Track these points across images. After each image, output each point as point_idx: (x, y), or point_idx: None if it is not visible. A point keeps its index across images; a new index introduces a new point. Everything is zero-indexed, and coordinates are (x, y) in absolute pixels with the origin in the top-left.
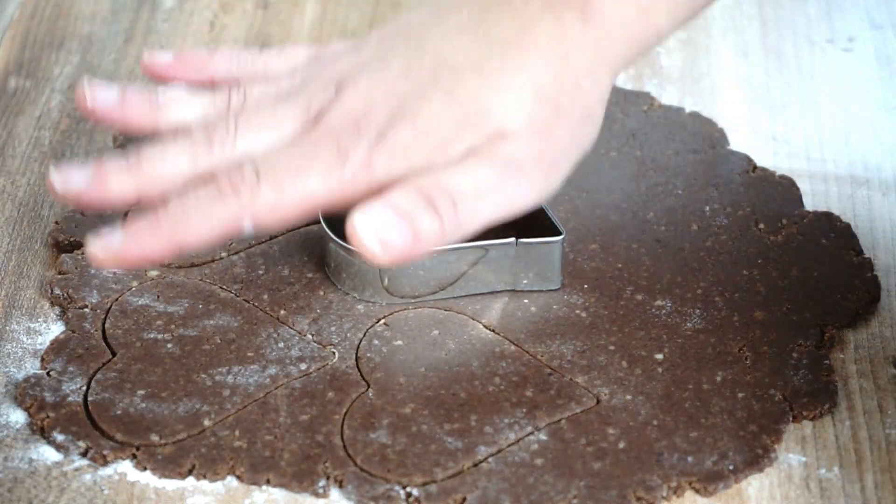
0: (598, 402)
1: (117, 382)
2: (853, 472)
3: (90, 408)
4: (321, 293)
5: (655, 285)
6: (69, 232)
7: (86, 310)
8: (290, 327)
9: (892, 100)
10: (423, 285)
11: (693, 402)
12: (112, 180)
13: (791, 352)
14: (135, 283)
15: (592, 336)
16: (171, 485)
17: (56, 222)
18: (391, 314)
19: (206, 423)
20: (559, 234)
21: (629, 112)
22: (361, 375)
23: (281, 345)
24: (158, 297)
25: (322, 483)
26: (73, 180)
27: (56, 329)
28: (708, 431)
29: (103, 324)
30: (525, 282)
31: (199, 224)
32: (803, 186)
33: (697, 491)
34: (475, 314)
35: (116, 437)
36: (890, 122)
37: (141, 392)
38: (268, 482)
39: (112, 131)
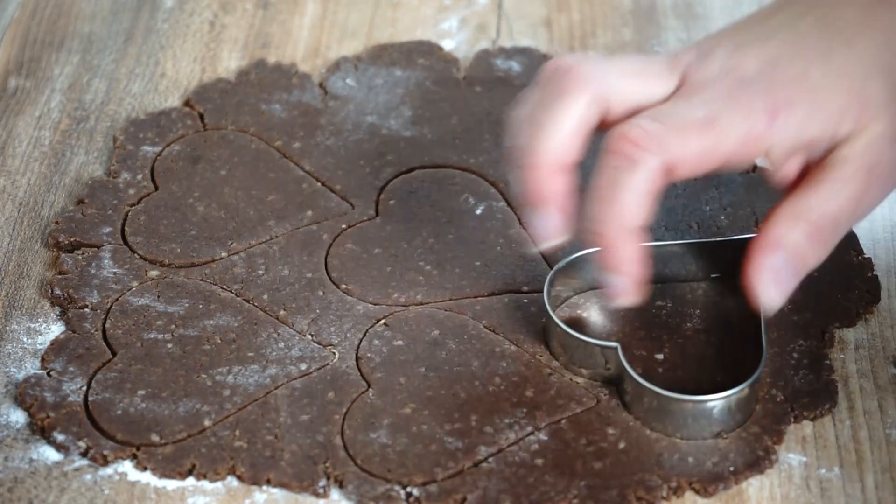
0: (599, 401)
1: (117, 382)
2: (853, 472)
3: (90, 408)
4: (321, 293)
5: (656, 285)
6: (69, 232)
7: (86, 310)
8: (290, 327)
9: None
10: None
11: None
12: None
13: (792, 352)
14: (135, 283)
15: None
16: (171, 485)
17: (56, 222)
18: (391, 314)
19: (207, 423)
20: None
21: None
22: (361, 375)
23: (281, 345)
24: (159, 297)
25: (322, 483)
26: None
27: (56, 329)
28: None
29: (103, 324)
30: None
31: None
32: None
33: (697, 491)
34: (475, 314)
35: (117, 436)
36: None
37: (141, 392)
38: (268, 482)
39: None
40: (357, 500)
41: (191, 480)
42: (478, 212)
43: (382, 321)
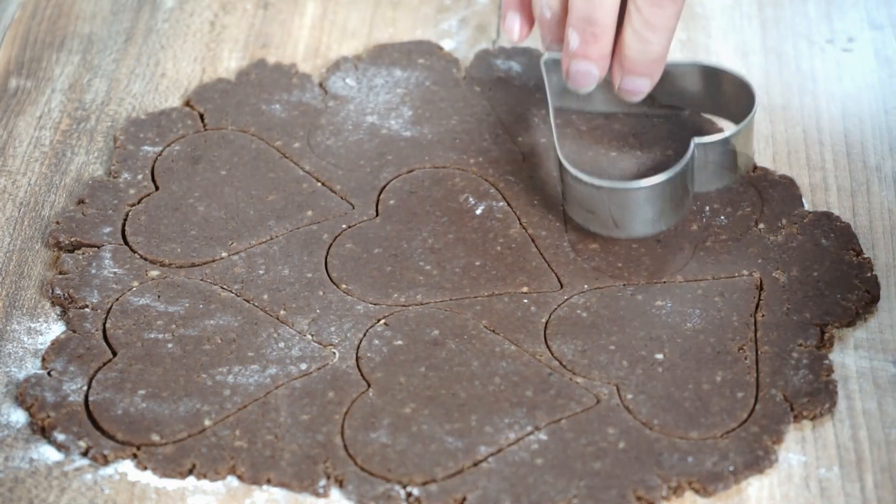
0: (598, 401)
1: (118, 382)
2: (853, 472)
3: (91, 407)
4: (321, 293)
5: (655, 285)
6: (70, 232)
7: (86, 310)
8: (290, 327)
9: (892, 100)
10: (645, 224)
11: (693, 402)
12: None
13: (791, 352)
14: (135, 283)
15: (593, 336)
16: (171, 484)
17: (57, 222)
18: (391, 314)
19: (207, 422)
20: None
21: (629, 112)
22: (362, 375)
23: (281, 345)
24: (159, 297)
25: (322, 483)
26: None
27: (57, 329)
28: (708, 431)
29: (104, 324)
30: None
31: None
32: (803, 186)
33: (697, 491)
34: (475, 314)
35: (117, 436)
36: (890, 122)
37: (141, 392)
38: (268, 482)
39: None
40: (357, 500)
41: (191, 480)
42: (478, 212)
43: (382, 321)
